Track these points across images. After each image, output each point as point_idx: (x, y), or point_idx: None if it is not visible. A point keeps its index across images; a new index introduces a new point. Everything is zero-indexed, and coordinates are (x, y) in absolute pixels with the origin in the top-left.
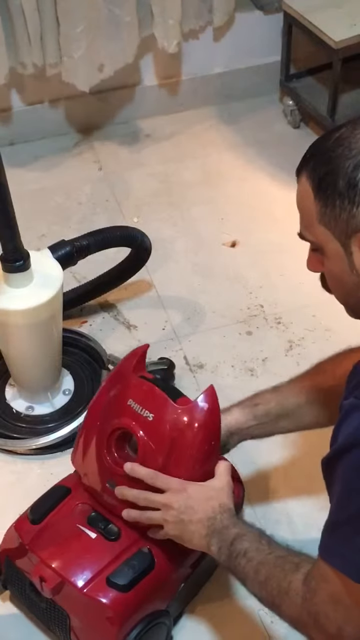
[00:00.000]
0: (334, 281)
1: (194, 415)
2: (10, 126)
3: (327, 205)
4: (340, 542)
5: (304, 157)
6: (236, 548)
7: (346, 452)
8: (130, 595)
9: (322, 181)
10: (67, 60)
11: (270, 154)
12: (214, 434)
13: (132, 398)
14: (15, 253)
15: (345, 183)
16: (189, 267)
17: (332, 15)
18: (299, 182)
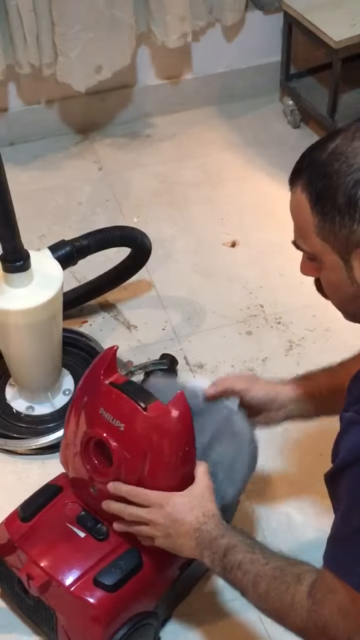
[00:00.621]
0: (331, 289)
1: (165, 423)
2: (10, 126)
3: (326, 220)
4: (347, 555)
5: (297, 167)
6: (230, 560)
7: (347, 468)
8: (117, 596)
9: (319, 196)
10: (62, 60)
11: (270, 154)
12: (187, 440)
13: (103, 407)
14: (15, 253)
15: (345, 200)
16: (189, 267)
17: (332, 15)
18: (292, 192)
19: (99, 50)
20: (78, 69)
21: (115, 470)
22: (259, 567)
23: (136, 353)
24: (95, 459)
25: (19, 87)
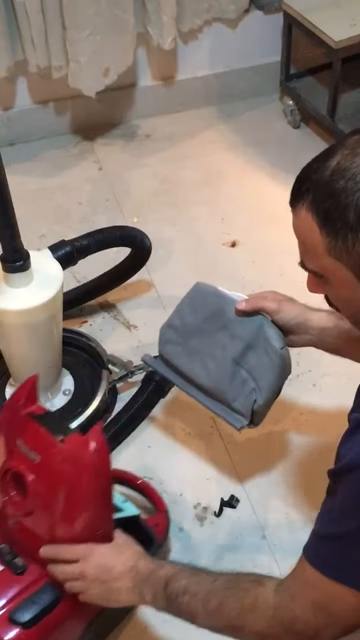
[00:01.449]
0: (343, 304)
1: (81, 455)
2: (11, 126)
3: (338, 239)
4: (335, 554)
5: (297, 188)
6: (173, 588)
7: (350, 471)
8: (32, 632)
9: (328, 216)
10: (73, 65)
11: (270, 154)
12: (103, 475)
13: (21, 438)
14: (15, 253)
15: (356, 217)
16: (189, 267)
17: (332, 15)
18: (296, 214)
19: (106, 53)
20: (88, 73)
21: (30, 503)
22: (208, 586)
23: (136, 353)
24: (13, 491)
25: (22, 88)
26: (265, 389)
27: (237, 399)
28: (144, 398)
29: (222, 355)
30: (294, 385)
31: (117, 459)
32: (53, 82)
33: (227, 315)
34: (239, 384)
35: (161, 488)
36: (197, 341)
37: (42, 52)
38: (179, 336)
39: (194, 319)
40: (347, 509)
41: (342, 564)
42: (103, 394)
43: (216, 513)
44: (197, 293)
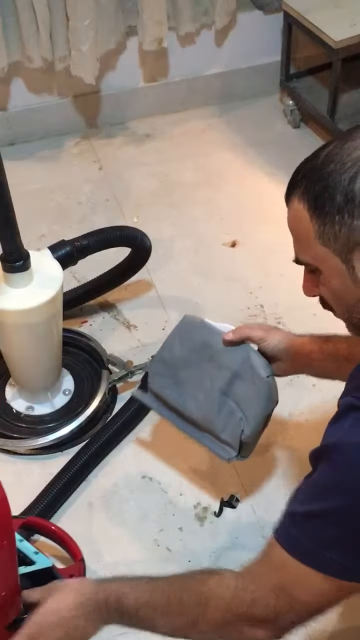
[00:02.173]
0: (335, 298)
1: None
2: (11, 126)
3: (326, 223)
4: (306, 534)
5: (292, 181)
6: (127, 606)
7: (333, 451)
8: None
9: (317, 199)
10: (75, 54)
11: (270, 154)
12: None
13: None
14: (15, 253)
15: (343, 197)
16: (189, 267)
17: (332, 15)
18: (289, 207)
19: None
20: (89, 61)
21: None
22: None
23: (136, 353)
24: None
25: (22, 87)
26: (252, 418)
27: (225, 430)
28: None
29: (210, 386)
30: (294, 385)
31: (116, 459)
32: (53, 82)
33: (214, 347)
34: (226, 414)
35: (161, 488)
36: (186, 373)
37: (47, 44)
38: (167, 369)
39: (182, 351)
40: (324, 488)
41: (311, 545)
42: (103, 394)
43: (216, 513)
44: (185, 326)
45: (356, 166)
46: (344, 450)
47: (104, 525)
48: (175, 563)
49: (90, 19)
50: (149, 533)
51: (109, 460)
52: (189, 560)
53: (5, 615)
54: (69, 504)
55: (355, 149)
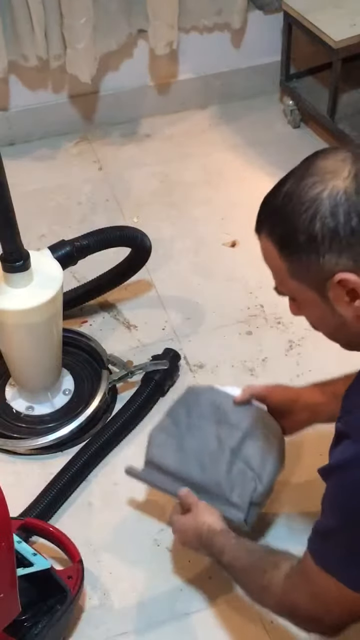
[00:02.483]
0: (318, 324)
1: None
2: (10, 126)
3: (294, 261)
4: (329, 548)
5: (258, 216)
6: (225, 558)
7: (332, 474)
8: None
9: (282, 240)
10: (70, 52)
11: (270, 154)
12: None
13: None
14: (15, 253)
15: (305, 238)
16: (189, 267)
17: (332, 15)
18: (260, 240)
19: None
20: (85, 60)
21: None
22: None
23: (136, 353)
24: None
25: (22, 87)
26: (265, 476)
27: (234, 490)
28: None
29: (217, 447)
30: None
31: (117, 459)
32: (53, 82)
33: (223, 409)
34: (237, 473)
35: None
36: (191, 439)
37: (42, 42)
38: (170, 437)
39: (188, 417)
40: (329, 508)
41: (329, 557)
42: (103, 394)
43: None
44: (191, 395)
45: (313, 206)
46: (337, 473)
47: (104, 525)
48: (175, 563)
49: (86, 17)
50: (149, 533)
51: (109, 460)
52: (189, 560)
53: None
54: (69, 504)
55: (311, 187)
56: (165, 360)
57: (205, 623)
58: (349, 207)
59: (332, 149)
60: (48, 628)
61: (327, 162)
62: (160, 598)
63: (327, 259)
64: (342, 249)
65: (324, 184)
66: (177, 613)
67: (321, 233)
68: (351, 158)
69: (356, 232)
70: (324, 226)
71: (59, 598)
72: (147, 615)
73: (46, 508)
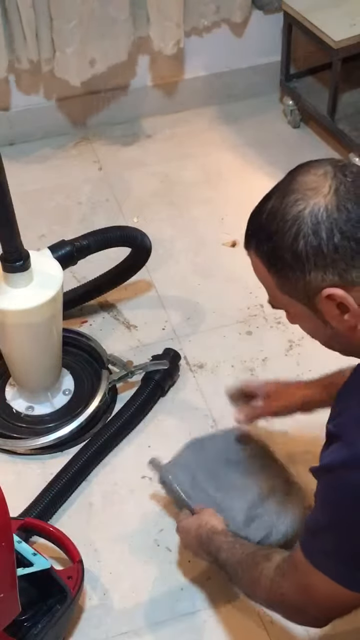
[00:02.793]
0: (312, 335)
1: None
2: (11, 126)
3: (282, 278)
4: (318, 543)
5: (246, 232)
6: (220, 558)
7: (321, 474)
8: None
9: (270, 258)
10: (59, 55)
11: (270, 154)
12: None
13: None
14: (15, 253)
15: (290, 255)
16: (189, 267)
17: (332, 15)
18: (249, 256)
19: (93, 45)
20: (74, 64)
21: None
22: (237, 557)
23: (136, 353)
24: None
25: (22, 87)
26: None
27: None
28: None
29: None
30: None
31: (117, 459)
32: (53, 82)
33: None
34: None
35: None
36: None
37: (33, 45)
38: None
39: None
40: (319, 506)
41: (316, 552)
42: (103, 394)
43: None
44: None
45: (296, 224)
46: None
47: (104, 525)
48: (175, 563)
49: (76, 21)
50: (149, 533)
51: (109, 460)
52: (189, 560)
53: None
54: (69, 504)
55: (293, 205)
56: (165, 360)
57: (205, 623)
58: (330, 224)
59: (314, 163)
60: (48, 628)
61: (309, 177)
62: (160, 598)
63: (313, 276)
64: (326, 265)
65: (306, 202)
66: (177, 613)
67: (305, 251)
68: (332, 172)
69: (339, 248)
70: (307, 244)
71: (59, 598)
72: (147, 615)
73: (46, 508)
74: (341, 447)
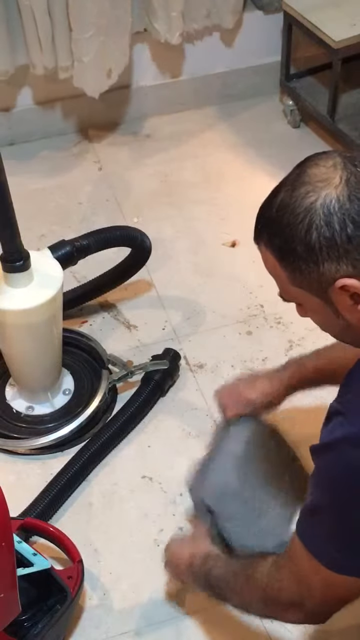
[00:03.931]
0: (324, 327)
1: None
2: (11, 126)
3: (295, 270)
4: (313, 524)
5: (255, 226)
6: (211, 578)
7: (321, 452)
8: None
9: (281, 251)
10: (77, 64)
11: (270, 154)
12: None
13: None
14: (15, 253)
15: (303, 248)
16: (189, 267)
17: (332, 15)
18: (259, 250)
19: (109, 54)
20: (91, 74)
21: None
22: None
23: (136, 353)
24: None
25: (22, 87)
26: None
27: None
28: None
29: None
30: None
31: (117, 459)
32: (53, 83)
33: None
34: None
35: (161, 488)
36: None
37: (49, 53)
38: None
39: None
40: (316, 486)
41: (311, 534)
42: (103, 394)
43: None
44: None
45: (308, 216)
46: (326, 452)
47: (104, 525)
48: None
49: (92, 31)
50: (149, 533)
51: (109, 460)
52: None
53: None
54: (69, 504)
55: (304, 197)
56: (165, 360)
57: (205, 623)
58: (342, 214)
59: (322, 155)
60: (48, 628)
61: (318, 169)
62: (160, 598)
63: (327, 267)
64: (340, 256)
65: (317, 193)
66: (177, 613)
67: (318, 243)
68: (341, 163)
69: (352, 238)
70: (320, 236)
71: (59, 598)
72: (147, 615)
73: (46, 508)
74: (343, 422)
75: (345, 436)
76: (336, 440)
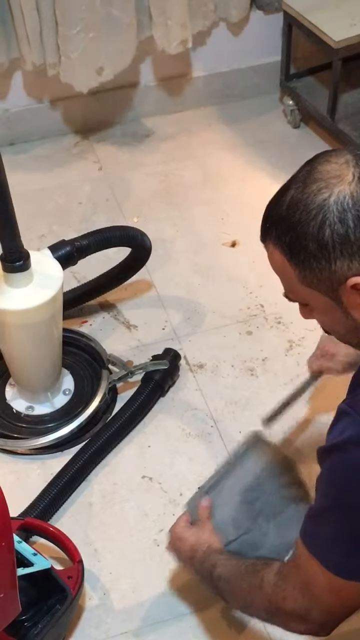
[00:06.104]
0: (330, 327)
1: None
2: (10, 126)
3: (305, 269)
4: (318, 527)
5: (263, 225)
6: (214, 574)
7: (329, 454)
8: None
9: (291, 248)
10: (64, 60)
11: (270, 154)
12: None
13: None
14: (15, 253)
15: (315, 245)
16: (189, 267)
17: (332, 15)
18: (267, 249)
19: (100, 51)
20: (79, 70)
21: None
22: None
23: (136, 353)
24: None
25: (22, 87)
26: None
27: None
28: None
29: None
30: (295, 385)
31: (117, 459)
32: (53, 83)
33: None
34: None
35: (161, 488)
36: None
37: (37, 49)
38: None
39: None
40: (323, 488)
41: (316, 537)
42: (103, 394)
43: None
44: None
45: (321, 213)
46: (333, 452)
47: (104, 525)
48: (175, 563)
49: (80, 27)
50: (149, 533)
51: (109, 460)
52: None
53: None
54: (69, 504)
55: (317, 194)
56: (165, 360)
57: (205, 623)
58: (357, 211)
59: (332, 152)
60: (48, 628)
61: (330, 165)
62: (160, 598)
63: (339, 265)
64: (353, 254)
65: (330, 190)
66: (177, 613)
67: (331, 240)
68: (353, 160)
69: None
70: (333, 233)
71: (59, 598)
72: (147, 615)
73: (46, 508)
74: (351, 423)
75: (354, 437)
76: (344, 441)
